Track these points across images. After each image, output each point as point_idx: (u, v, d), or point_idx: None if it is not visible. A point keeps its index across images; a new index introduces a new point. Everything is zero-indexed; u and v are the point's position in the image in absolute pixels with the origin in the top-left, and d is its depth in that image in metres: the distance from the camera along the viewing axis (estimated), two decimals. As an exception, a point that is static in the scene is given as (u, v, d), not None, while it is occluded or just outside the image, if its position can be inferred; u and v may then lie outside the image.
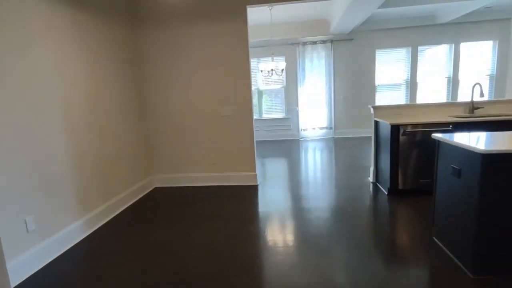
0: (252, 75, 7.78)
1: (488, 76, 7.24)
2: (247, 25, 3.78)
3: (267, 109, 8.06)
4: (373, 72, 7.45)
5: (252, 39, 7.00)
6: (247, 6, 3.72)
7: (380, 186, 3.72)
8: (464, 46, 7.17)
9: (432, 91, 7.46)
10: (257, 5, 3.72)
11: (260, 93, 7.95)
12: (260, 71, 6.69)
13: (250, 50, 7.71)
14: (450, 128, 3.12)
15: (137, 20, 3.91)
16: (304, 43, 7.47)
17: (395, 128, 3.22)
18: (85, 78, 2.99)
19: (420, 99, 7.47)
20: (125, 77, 3.68)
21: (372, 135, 3.90)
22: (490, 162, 1.72)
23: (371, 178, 3.97)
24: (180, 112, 4.08)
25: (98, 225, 3.06)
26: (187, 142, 4.14)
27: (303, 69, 7.60)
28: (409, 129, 3.18)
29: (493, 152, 1.71)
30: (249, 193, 3.81)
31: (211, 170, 4.18)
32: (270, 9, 5.63)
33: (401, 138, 3.22)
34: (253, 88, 7.84)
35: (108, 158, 3.30)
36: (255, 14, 6.02)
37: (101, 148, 3.18)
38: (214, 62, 3.92)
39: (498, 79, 7.07)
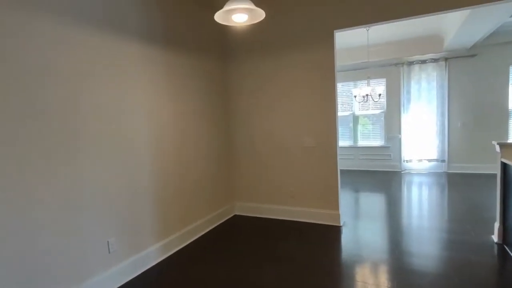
0: (348, 99, 7.29)
1: None
2: (334, 51, 3.48)
3: (364, 136, 7.34)
4: (506, 94, 5.94)
5: (347, 62, 6.57)
6: (334, 30, 3.44)
7: (509, 251, 2.75)
8: None
9: None
10: (346, 28, 3.40)
11: (356, 118, 7.33)
12: (354, 97, 6.16)
13: (346, 73, 7.28)
14: None
15: (226, 54, 4.09)
16: (410, 63, 6.58)
17: (534, 177, 2.35)
18: (175, 112, 3.21)
19: None
20: (213, 108, 3.85)
21: (498, 179, 2.97)
22: None
23: (495, 237, 3.01)
24: (263, 141, 4.02)
25: (173, 251, 3.16)
26: (268, 171, 4.02)
27: (408, 92, 6.66)
28: (558, 179, 2.26)
29: None
30: (327, 236, 3.37)
31: (290, 204, 3.93)
32: (367, 30, 5.16)
33: (545, 191, 2.31)
34: (348, 113, 7.33)
35: (190, 186, 3.44)
36: (351, 37, 5.63)
37: (184, 176, 3.34)
38: (298, 91, 3.74)
39: None
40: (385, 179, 6.18)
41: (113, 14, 2.56)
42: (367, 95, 5.45)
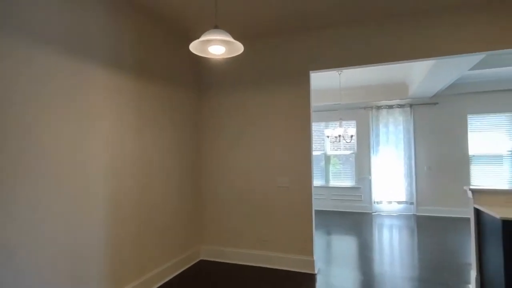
0: (319, 139, 7.38)
1: None
2: (309, 92, 3.49)
3: (335, 175, 7.35)
4: (466, 140, 6.30)
5: (320, 103, 6.73)
6: (310, 71, 3.47)
7: (490, 304, 2.64)
8: None
9: (552, 167, 5.86)
10: (322, 70, 3.45)
11: (327, 158, 7.38)
12: (326, 137, 6.22)
13: (318, 114, 7.44)
14: None
15: (202, 88, 3.98)
16: (379, 107, 6.87)
17: (509, 226, 2.31)
18: (141, 146, 2.95)
19: (535, 175, 5.91)
20: (184, 143, 3.62)
21: (472, 226, 2.94)
22: None
23: (473, 287, 2.90)
24: (235, 180, 3.80)
25: (126, 306, 2.72)
26: (239, 212, 3.76)
27: (377, 135, 6.88)
28: (533, 229, 2.24)
29: None
30: (302, 286, 3.10)
31: (262, 248, 3.64)
32: (339, 74, 5.35)
33: (521, 240, 2.27)
34: (319, 152, 7.37)
35: (153, 228, 3.09)
36: (324, 79, 5.81)
37: (146, 216, 3.00)
38: (273, 129, 3.65)
39: None
40: (357, 221, 6.09)
41: (79, 39, 2.37)
42: (339, 135, 5.51)
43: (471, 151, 6.28)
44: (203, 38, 1.82)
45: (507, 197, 2.79)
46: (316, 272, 3.41)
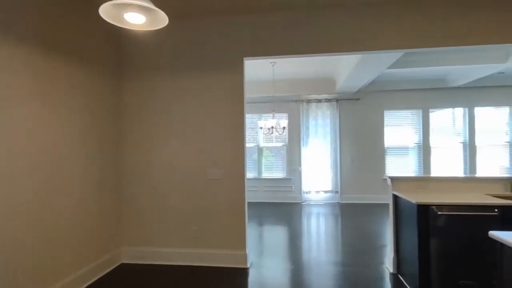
0: (253, 131, 7.36)
1: (508, 144, 6.68)
2: (243, 79, 3.34)
3: (267, 167, 7.44)
4: (382, 133, 6.95)
5: (253, 94, 6.67)
6: (244, 58, 3.32)
7: (404, 281, 2.88)
8: (479, 111, 6.75)
9: (447, 157, 6.85)
10: (256, 57, 3.32)
11: (260, 150, 7.41)
12: (260, 128, 6.21)
13: (252, 105, 7.40)
14: (496, 213, 2.41)
15: (123, 70, 3.51)
16: (309, 101, 7.13)
17: (422, 209, 2.52)
18: (44, 134, 2.42)
19: (435, 164, 6.83)
20: (100, 131, 3.13)
21: (390, 211, 3.18)
22: None
23: (390, 268, 3.15)
24: (162, 172, 3.45)
25: (21, 329, 2.22)
26: (166, 209, 3.44)
27: (307, 128, 7.14)
28: (442, 211, 2.48)
29: None
30: (234, 282, 2.97)
31: (193, 246, 3.40)
32: (273, 65, 5.34)
33: (431, 222, 2.50)
34: (252, 144, 7.36)
35: (65, 233, 2.59)
36: (258, 70, 5.74)
37: (55, 220, 2.49)
38: (205, 118, 3.41)
39: (519, 147, 6.49)
40: (287, 211, 6.25)
41: None
42: (272, 127, 5.53)
43: (386, 143, 6.96)
44: (116, 1, 1.50)
45: (418, 184, 3.08)
46: (248, 266, 3.32)
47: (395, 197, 3.10)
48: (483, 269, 2.40)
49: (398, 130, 7.03)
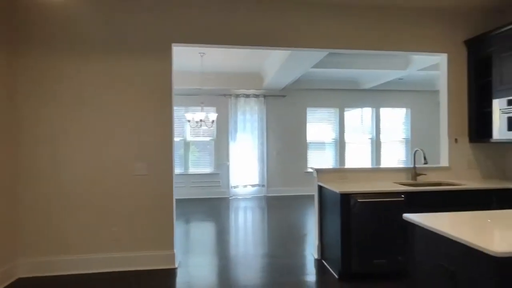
0: (179, 125, 7.02)
1: (404, 140, 7.83)
2: (171, 66, 3.11)
3: (194, 162, 7.22)
4: (305, 129, 7.41)
5: (180, 86, 6.34)
6: (172, 44, 3.10)
7: (328, 266, 3.09)
8: (384, 111, 7.74)
9: (359, 151, 7.68)
10: (184, 44, 3.14)
11: (187, 144, 7.14)
12: (187, 121, 5.96)
13: (178, 97, 7.00)
14: (403, 199, 2.76)
15: (21, 45, 2.91)
16: (237, 95, 7.14)
17: (345, 198, 2.73)
18: None
19: (349, 158, 7.59)
20: (-15, 118, 2.53)
21: (316, 201, 3.38)
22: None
23: (315, 254, 3.35)
24: (74, 167, 2.99)
25: None
26: (80, 208, 2.99)
27: (235, 122, 7.16)
28: (361, 198, 2.72)
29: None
30: (161, 285, 2.77)
31: (113, 249, 3.04)
32: (202, 56, 5.16)
33: (352, 209, 2.73)
34: (179, 139, 7.02)
35: None
36: (185, 60, 5.47)
37: None
38: (127, 107, 3.07)
39: (413, 144, 7.59)
40: (215, 206, 6.19)
41: None
42: (201, 120, 5.35)
43: (308, 138, 7.45)
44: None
45: (340, 175, 3.34)
46: (176, 266, 3.14)
47: (320, 188, 3.30)
48: (393, 248, 2.72)
49: (318, 126, 7.61)
